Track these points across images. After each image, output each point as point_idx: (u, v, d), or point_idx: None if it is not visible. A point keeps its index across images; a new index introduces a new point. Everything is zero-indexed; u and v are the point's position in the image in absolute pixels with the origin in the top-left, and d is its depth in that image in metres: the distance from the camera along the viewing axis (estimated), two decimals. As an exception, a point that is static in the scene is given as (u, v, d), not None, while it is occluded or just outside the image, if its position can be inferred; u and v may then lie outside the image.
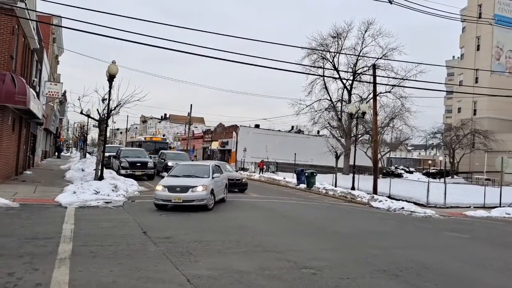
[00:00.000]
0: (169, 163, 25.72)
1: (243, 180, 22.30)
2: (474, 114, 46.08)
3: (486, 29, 43.47)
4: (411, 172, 46.29)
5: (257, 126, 59.30)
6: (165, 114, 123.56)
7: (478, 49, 47.12)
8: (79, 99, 18.35)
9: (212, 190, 13.87)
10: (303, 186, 26.74)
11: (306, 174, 26.47)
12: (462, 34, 50.89)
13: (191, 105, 58.71)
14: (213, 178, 14.42)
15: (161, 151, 34.22)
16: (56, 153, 56.35)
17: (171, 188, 13.35)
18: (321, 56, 44.79)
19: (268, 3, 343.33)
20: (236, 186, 21.18)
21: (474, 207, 20.53)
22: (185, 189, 13.29)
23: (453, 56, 71.51)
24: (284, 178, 31.96)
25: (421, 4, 64.71)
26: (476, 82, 44.69)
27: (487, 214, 18.56)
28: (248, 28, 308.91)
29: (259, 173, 39.30)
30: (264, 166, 42.33)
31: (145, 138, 44.75)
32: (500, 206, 20.52)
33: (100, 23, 14.16)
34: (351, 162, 28.16)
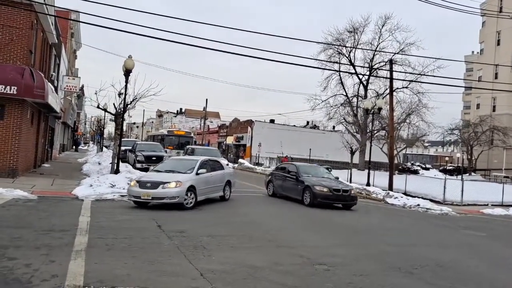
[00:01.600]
0: None
1: (352, 193, 15.71)
2: (493, 110, 45.13)
3: (507, 24, 42.39)
4: (427, 169, 45.60)
5: (272, 121, 59.18)
6: (181, 109, 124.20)
7: (498, 44, 46.06)
8: (96, 94, 18.56)
9: (192, 187, 12.38)
10: (317, 181, 26.58)
11: (321, 169, 26.28)
12: (482, 29, 49.78)
13: (207, 99, 59.03)
14: (197, 174, 12.96)
15: (188, 146, 33.07)
16: (74, 147, 57.26)
17: (142, 184, 12.13)
18: (337, 51, 44.33)
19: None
20: (340, 199, 15.30)
21: (492, 205, 20.17)
22: (155, 185, 11.96)
23: (473, 51, 70.00)
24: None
25: (440, -3, 63.55)
26: (496, 77, 43.68)
27: (505, 212, 18.20)
28: (266, 23, 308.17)
29: None
30: None
31: (168, 131, 40.94)
32: (519, 204, 20.11)
33: (117, 18, 14.29)
34: (367, 158, 27.94)
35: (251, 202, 15.39)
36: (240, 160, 43.74)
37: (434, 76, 37.50)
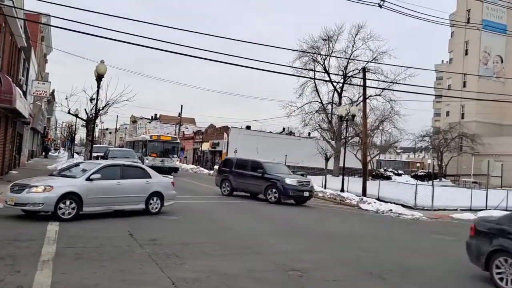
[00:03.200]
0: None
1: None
2: (462, 117, 46.57)
3: (474, 34, 43.98)
4: (400, 175, 46.55)
5: (248, 127, 59.25)
6: (156, 115, 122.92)
7: (466, 54, 47.66)
8: (66, 99, 18.19)
9: (75, 195, 10.41)
10: (292, 188, 26.71)
11: (296, 175, 26.46)
12: (451, 39, 51.43)
13: (182, 105, 58.66)
14: (90, 180, 10.87)
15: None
16: (43, 153, 55.70)
17: (13, 186, 10.55)
18: (312, 58, 44.91)
19: (263, 5, 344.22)
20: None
21: (461, 209, 20.70)
22: (22, 188, 10.24)
23: (442, 60, 72.22)
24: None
25: (411, 9, 65.34)
26: (464, 86, 45.14)
27: (474, 217, 18.62)
28: (241, 29, 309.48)
29: None
30: None
31: (151, 136, 34.95)
32: (486, 209, 20.73)
33: (90, 23, 14.03)
34: (341, 164, 28.28)
35: (220, 209, 15.29)
36: (216, 167, 43.52)
37: (406, 84, 38.41)
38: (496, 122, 45.47)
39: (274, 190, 17.50)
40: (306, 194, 18.06)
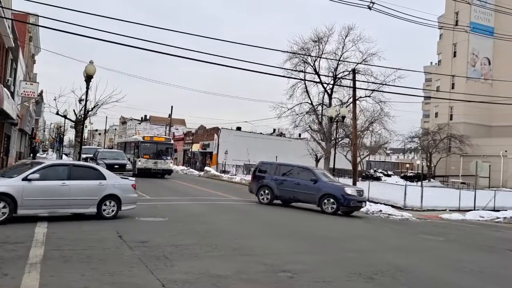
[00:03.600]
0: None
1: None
2: (451, 119, 47.07)
3: (462, 36, 44.50)
4: (389, 176, 46.89)
5: (238, 128, 59.21)
6: (146, 116, 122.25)
7: (454, 56, 48.20)
8: (55, 100, 18.03)
9: (8, 196, 9.76)
10: (283, 189, 26.71)
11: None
12: (440, 41, 51.98)
13: (172, 106, 58.38)
14: (28, 180, 10.17)
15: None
16: (32, 155, 55.04)
17: None
18: (303, 60, 45.08)
19: (252, 7, 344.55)
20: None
21: (450, 210, 20.94)
22: None
23: (431, 62, 72.91)
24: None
25: (400, 11, 65.96)
26: (453, 88, 45.66)
27: (462, 217, 18.94)
28: (232, 29, 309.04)
29: None
30: None
31: (143, 137, 33.70)
32: (474, 209, 21.00)
33: (79, 23, 13.91)
34: (331, 165, 28.39)
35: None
36: (206, 168, 43.44)
37: (395, 86, 38.67)
38: (484, 123, 46.05)
39: (332, 200, 16.11)
40: (364, 204, 17.25)
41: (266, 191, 17.68)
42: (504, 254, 11.12)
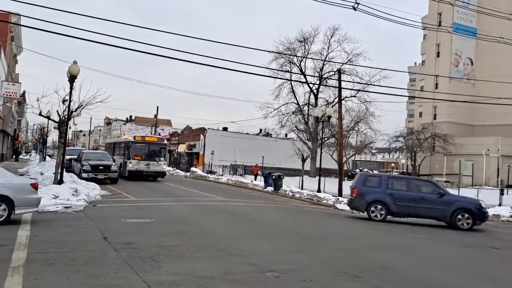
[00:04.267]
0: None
1: None
2: (434, 118, 47.75)
3: (445, 37, 45.20)
4: (375, 175, 47.39)
5: (225, 129, 59.13)
6: (131, 116, 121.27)
7: (438, 56, 48.92)
8: (38, 100, 17.73)
9: None
10: (270, 189, 26.82)
11: (273, 177, 26.56)
12: (423, 41, 52.70)
13: (158, 107, 58.01)
14: None
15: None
16: (14, 156, 54.13)
17: None
18: (289, 60, 45.29)
19: (240, 6, 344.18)
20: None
21: (434, 208, 21.16)
22: None
23: (415, 63, 73.85)
24: (251, 181, 31.95)
25: (384, 11, 66.65)
26: (436, 87, 46.34)
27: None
28: (217, 29, 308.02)
29: (252, 180, 32.90)
30: (259, 172, 35.40)
31: (134, 137, 31.04)
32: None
33: (62, 22, 13.69)
34: (318, 165, 28.55)
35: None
36: (193, 169, 43.25)
37: (380, 86, 39.32)
38: (467, 122, 46.86)
39: (466, 215, 14.96)
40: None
41: (379, 207, 15.66)
42: (488, 251, 11.32)
